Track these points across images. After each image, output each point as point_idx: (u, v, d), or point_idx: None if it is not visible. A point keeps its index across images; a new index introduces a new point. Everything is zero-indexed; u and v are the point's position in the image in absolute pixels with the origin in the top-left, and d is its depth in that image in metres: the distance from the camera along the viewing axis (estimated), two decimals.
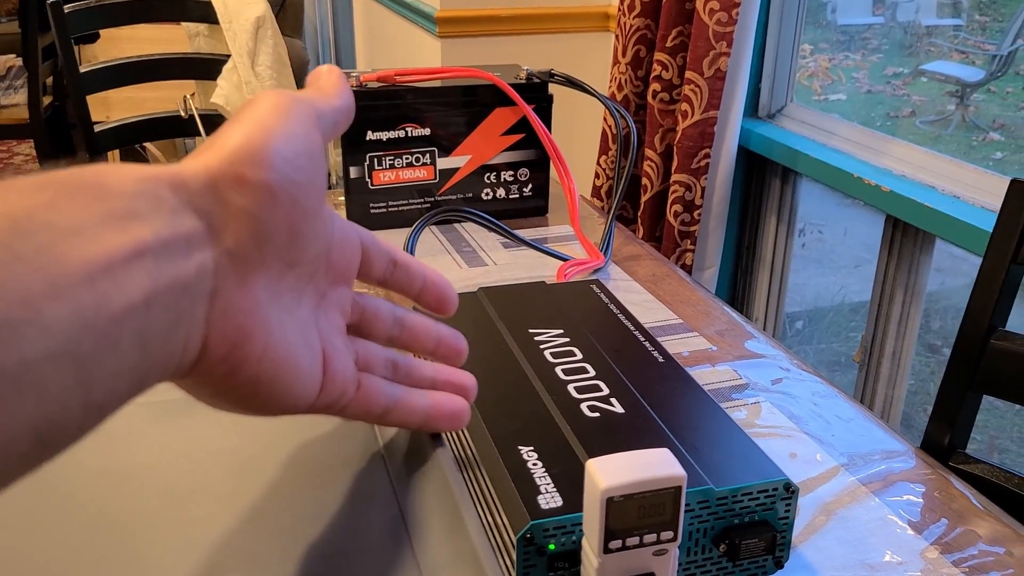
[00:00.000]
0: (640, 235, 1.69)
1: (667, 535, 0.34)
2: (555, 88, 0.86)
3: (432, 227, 0.86)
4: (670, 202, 1.61)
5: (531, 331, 0.53)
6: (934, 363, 2.29)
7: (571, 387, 0.47)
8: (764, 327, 1.78)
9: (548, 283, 0.60)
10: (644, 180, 1.67)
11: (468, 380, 0.41)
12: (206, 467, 0.40)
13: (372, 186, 0.83)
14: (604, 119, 1.74)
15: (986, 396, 0.75)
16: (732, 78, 1.52)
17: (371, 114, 0.80)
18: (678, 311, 0.71)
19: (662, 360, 0.50)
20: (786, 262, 1.72)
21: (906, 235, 1.42)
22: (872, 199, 1.41)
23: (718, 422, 0.44)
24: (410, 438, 0.42)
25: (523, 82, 0.84)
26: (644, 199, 1.68)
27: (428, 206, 0.85)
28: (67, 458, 0.26)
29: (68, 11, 1.45)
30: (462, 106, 0.83)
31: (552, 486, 0.38)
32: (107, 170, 0.27)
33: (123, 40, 2.53)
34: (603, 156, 1.75)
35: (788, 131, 1.65)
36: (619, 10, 1.66)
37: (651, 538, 0.34)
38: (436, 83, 0.83)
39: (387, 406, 0.38)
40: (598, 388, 0.47)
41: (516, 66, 0.88)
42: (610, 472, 0.33)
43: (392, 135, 0.82)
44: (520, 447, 0.41)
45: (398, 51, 2.28)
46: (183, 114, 1.56)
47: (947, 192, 1.34)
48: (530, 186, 0.88)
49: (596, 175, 1.77)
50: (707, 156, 1.55)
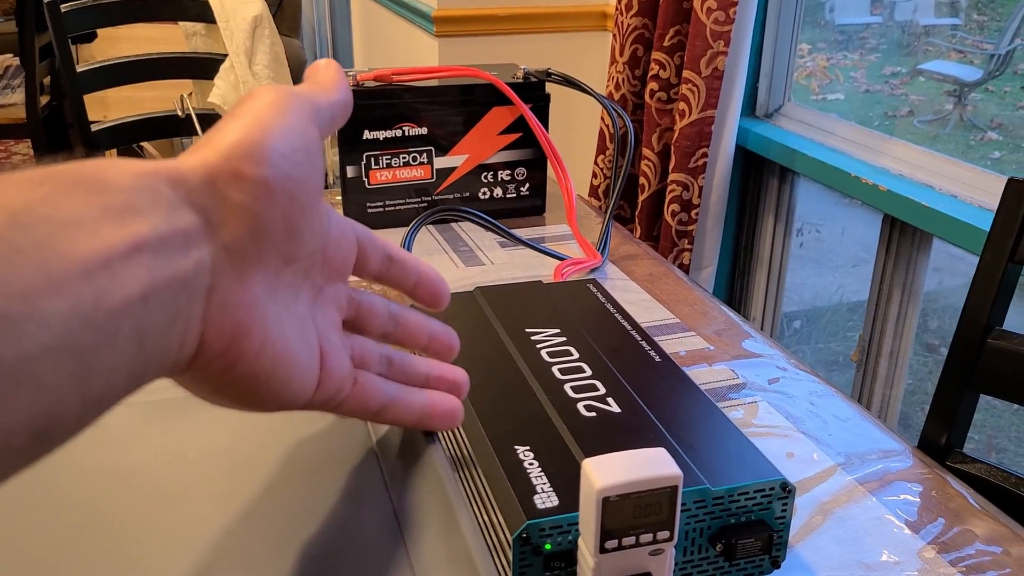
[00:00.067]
0: (637, 235, 1.69)
1: (663, 535, 0.34)
2: (552, 87, 0.86)
3: (429, 226, 0.85)
4: (667, 201, 1.61)
5: (528, 330, 0.52)
6: (932, 362, 2.29)
7: (567, 387, 0.46)
8: (761, 327, 1.78)
9: (545, 282, 0.60)
10: (641, 179, 1.67)
11: (461, 376, 0.41)
12: (199, 466, 0.40)
13: (369, 185, 0.83)
14: (601, 118, 1.74)
15: (983, 395, 0.75)
16: (730, 77, 1.52)
17: (368, 113, 0.80)
18: (675, 311, 0.70)
19: (659, 360, 0.50)
20: (784, 261, 1.72)
21: (904, 234, 1.42)
22: (870, 198, 1.41)
23: (715, 422, 0.44)
24: (403, 436, 0.42)
25: (520, 81, 0.84)
26: (641, 199, 1.68)
27: (425, 205, 0.85)
28: (61, 457, 0.26)
29: (65, 10, 1.45)
30: (459, 105, 0.83)
31: (548, 486, 0.38)
32: (105, 165, 0.27)
33: (120, 39, 2.53)
34: (600, 155, 1.75)
35: (786, 130, 1.65)
36: (616, 9, 1.66)
37: (647, 538, 0.34)
38: (433, 82, 0.83)
39: (383, 403, 0.38)
40: (595, 388, 0.46)
41: (513, 65, 0.87)
42: (606, 472, 0.33)
43: (389, 134, 0.81)
44: (516, 446, 0.41)
45: (395, 50, 2.28)
46: (180, 114, 1.56)
47: (945, 191, 1.34)
48: (527, 185, 0.88)
49: (593, 174, 1.77)
50: (704, 155, 1.55)
